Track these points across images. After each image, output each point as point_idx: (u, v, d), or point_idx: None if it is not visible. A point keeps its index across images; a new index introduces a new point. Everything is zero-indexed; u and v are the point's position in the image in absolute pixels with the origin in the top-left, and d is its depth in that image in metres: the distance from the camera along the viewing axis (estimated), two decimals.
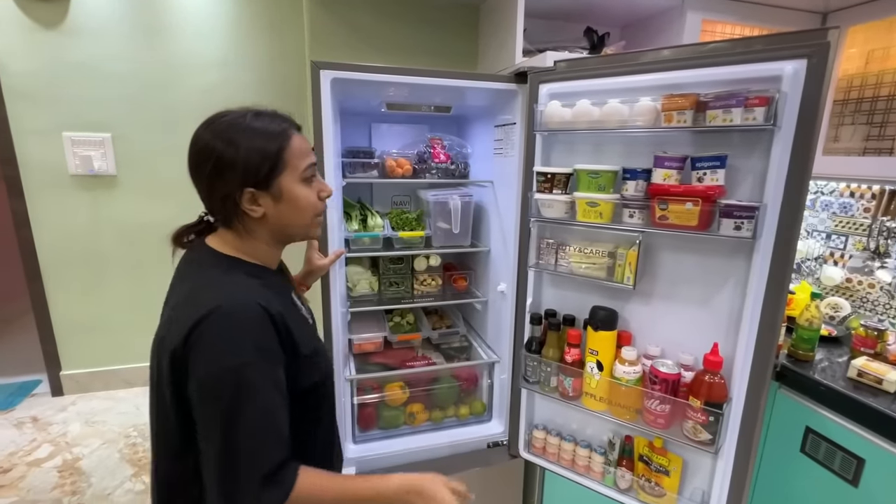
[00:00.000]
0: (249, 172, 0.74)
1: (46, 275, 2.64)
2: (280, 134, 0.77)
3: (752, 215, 0.97)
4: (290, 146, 0.78)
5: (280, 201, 0.78)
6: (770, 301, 1.04)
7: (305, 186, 0.81)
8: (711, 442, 1.10)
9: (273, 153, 0.75)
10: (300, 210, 0.81)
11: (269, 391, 0.69)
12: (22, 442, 2.38)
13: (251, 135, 0.75)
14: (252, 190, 0.75)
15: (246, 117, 0.77)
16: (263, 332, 0.70)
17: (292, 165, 0.78)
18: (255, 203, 0.77)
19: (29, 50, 2.39)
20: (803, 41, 0.93)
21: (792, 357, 1.49)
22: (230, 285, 0.74)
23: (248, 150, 0.73)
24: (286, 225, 0.81)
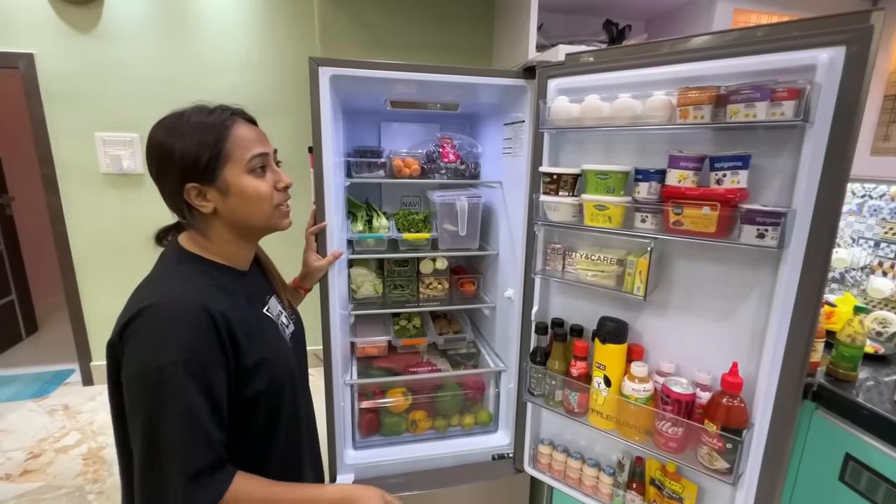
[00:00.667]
0: (187, 167, 0.72)
1: (79, 268, 2.76)
2: (218, 125, 0.74)
3: (778, 222, 0.87)
4: (231, 136, 0.74)
5: (228, 195, 0.75)
6: (799, 317, 0.92)
7: (254, 177, 0.77)
8: (729, 471, 1.00)
9: (210, 145, 0.72)
10: (251, 202, 0.77)
11: (194, 392, 0.65)
12: (53, 428, 2.49)
13: (187, 129, 0.73)
14: (195, 185, 0.73)
15: (185, 113, 0.75)
16: (196, 331, 0.67)
17: (235, 157, 0.75)
18: (203, 198, 0.75)
19: (65, 53, 2.50)
20: (841, 25, 0.82)
21: (831, 376, 1.35)
22: (171, 282, 0.72)
23: (183, 145, 0.72)
24: (241, 219, 0.78)
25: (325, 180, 1.26)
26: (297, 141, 2.75)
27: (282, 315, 0.90)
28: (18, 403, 2.70)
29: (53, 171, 2.61)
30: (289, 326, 0.91)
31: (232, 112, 0.78)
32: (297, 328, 0.95)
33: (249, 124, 0.80)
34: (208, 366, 0.67)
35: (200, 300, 0.69)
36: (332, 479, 1.45)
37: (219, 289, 0.74)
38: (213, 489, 0.66)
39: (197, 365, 0.66)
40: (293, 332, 0.93)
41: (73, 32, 2.49)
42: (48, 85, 2.51)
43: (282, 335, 0.87)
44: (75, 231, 2.71)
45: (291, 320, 0.94)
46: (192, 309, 0.67)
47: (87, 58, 2.52)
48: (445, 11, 1.86)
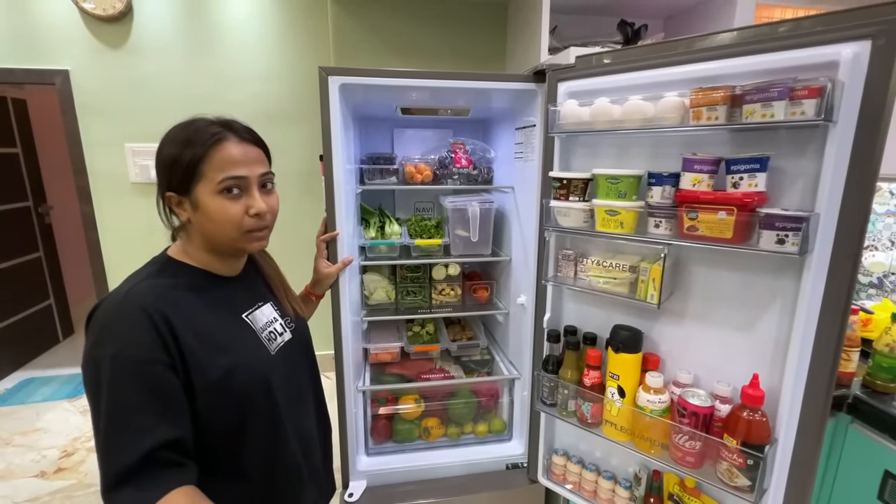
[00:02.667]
0: (166, 176, 0.76)
1: (110, 274, 2.87)
2: (201, 142, 0.74)
3: (799, 227, 0.82)
4: (210, 155, 0.74)
5: (197, 210, 0.76)
6: (826, 327, 0.87)
7: (224, 199, 0.76)
8: (750, 489, 0.95)
9: (186, 161, 0.74)
10: (215, 223, 0.76)
11: (129, 388, 0.65)
12: (85, 428, 2.59)
13: (175, 141, 0.75)
14: (172, 194, 0.76)
15: (183, 124, 0.78)
16: (132, 328, 0.68)
17: (208, 176, 0.74)
18: (181, 207, 0.77)
19: (97, 69, 2.62)
20: (866, 18, 0.77)
21: (868, 388, 1.28)
22: (127, 282, 0.75)
23: (167, 155, 0.75)
24: (209, 235, 0.79)
25: (336, 188, 1.27)
26: (313, 148, 2.80)
27: (274, 323, 0.89)
28: (55, 403, 2.83)
29: (87, 181, 2.73)
30: (283, 334, 0.89)
31: (230, 129, 0.78)
32: (294, 337, 0.93)
33: (243, 143, 0.78)
34: (146, 362, 0.67)
35: (141, 300, 0.70)
36: (345, 485, 1.46)
37: (185, 290, 0.76)
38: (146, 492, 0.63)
39: (130, 361, 0.66)
40: (289, 341, 0.90)
41: (105, 49, 2.60)
42: (82, 99, 2.63)
43: (259, 344, 0.84)
44: (107, 238, 2.82)
45: (289, 328, 0.92)
46: (130, 307, 0.69)
47: (117, 72, 2.63)
48: (458, 17, 1.86)
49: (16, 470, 2.24)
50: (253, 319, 0.85)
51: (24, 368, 3.27)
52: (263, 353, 0.84)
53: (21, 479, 2.18)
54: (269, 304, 0.91)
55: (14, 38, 2.53)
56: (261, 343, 0.84)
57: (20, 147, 3.26)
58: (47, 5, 2.51)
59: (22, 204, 3.29)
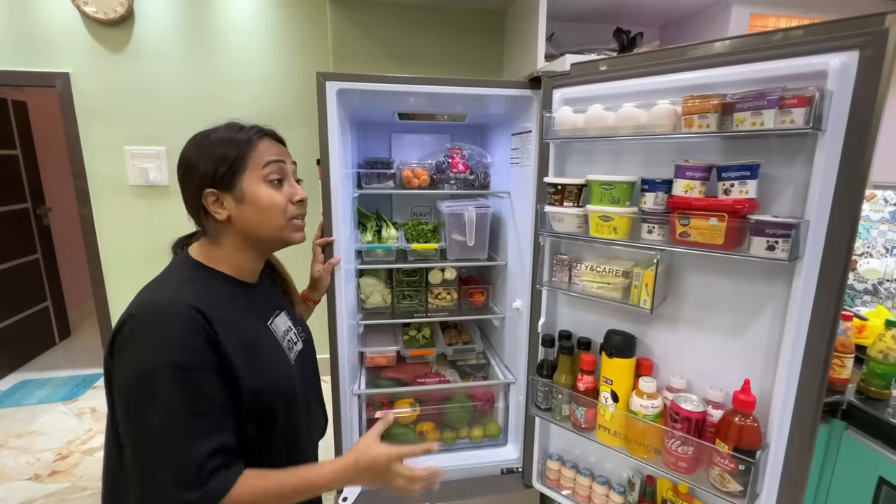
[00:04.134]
0: (208, 172, 0.76)
1: (108, 277, 2.87)
2: (243, 140, 0.78)
3: (789, 233, 0.83)
4: (255, 148, 0.79)
5: (243, 203, 0.78)
6: (816, 333, 0.88)
7: (270, 188, 0.79)
8: (742, 494, 0.95)
9: (233, 155, 0.76)
10: (264, 211, 0.79)
11: (184, 396, 0.65)
12: (80, 431, 2.58)
13: (216, 141, 0.78)
14: (213, 190, 0.76)
15: (217, 128, 0.79)
16: (183, 332, 0.67)
17: (253, 164, 0.78)
18: (220, 205, 0.77)
19: (98, 72, 2.63)
20: (853, 29, 0.79)
21: (862, 394, 1.28)
22: (163, 285, 0.74)
23: (209, 152, 0.76)
24: (254, 228, 0.79)
25: (333, 192, 1.28)
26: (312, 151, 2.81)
27: (290, 332, 0.89)
28: (50, 406, 2.82)
29: (86, 184, 2.74)
30: (297, 344, 0.90)
31: (261, 130, 0.82)
32: (305, 346, 0.94)
33: (276, 142, 0.84)
34: (203, 369, 0.67)
35: (189, 301, 0.69)
36: (339, 489, 1.45)
37: (219, 296, 0.76)
38: (209, 489, 0.65)
39: (189, 367, 0.66)
40: (301, 350, 0.91)
41: (106, 52, 2.62)
42: (82, 102, 2.65)
43: (283, 353, 0.85)
44: (105, 240, 2.82)
45: (301, 338, 0.93)
46: (179, 310, 0.67)
47: (118, 75, 2.65)
48: (456, 24, 1.87)
49: (10, 472, 2.23)
50: (275, 328, 0.86)
51: (19, 370, 3.26)
52: (287, 362, 0.85)
53: (15, 481, 2.17)
54: (284, 313, 0.91)
55: (15, 40, 2.55)
56: (283, 352, 0.85)
57: (20, 149, 3.27)
58: (49, 8, 2.53)
59: (20, 206, 3.29)
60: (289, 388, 0.82)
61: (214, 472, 0.66)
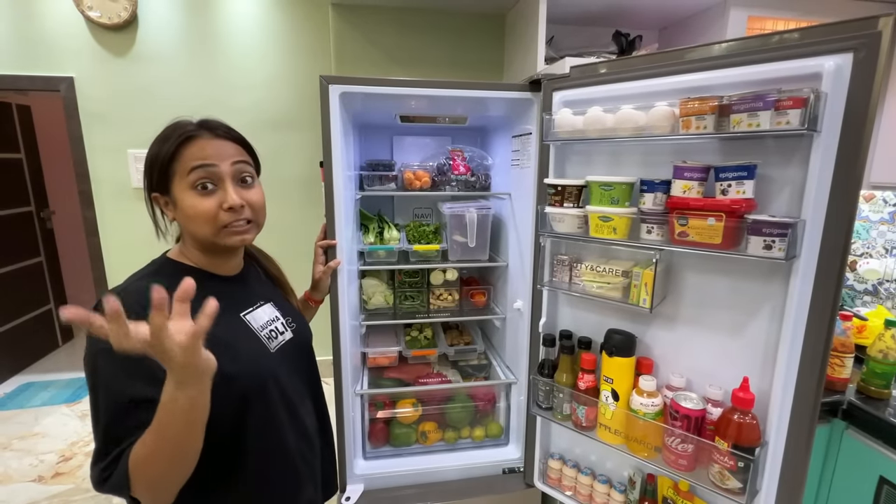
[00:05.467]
0: (148, 176, 0.79)
1: (111, 279, 2.88)
2: (173, 140, 0.75)
3: (785, 233, 0.84)
4: (181, 153, 0.75)
5: (177, 208, 0.78)
6: (813, 332, 0.89)
7: (196, 195, 0.76)
8: (742, 491, 0.96)
9: (161, 159, 0.76)
10: (190, 220, 0.77)
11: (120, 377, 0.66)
12: (83, 433, 2.60)
13: (152, 144, 0.79)
14: (156, 194, 0.79)
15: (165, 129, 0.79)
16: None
17: (179, 171, 0.75)
18: (166, 206, 0.80)
19: (102, 76, 2.66)
20: (847, 32, 0.80)
21: (862, 394, 1.29)
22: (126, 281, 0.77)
23: (148, 156, 0.79)
24: (190, 230, 0.79)
25: (336, 194, 1.30)
26: (313, 155, 2.84)
27: (275, 322, 0.90)
28: (53, 408, 2.83)
29: (89, 187, 2.76)
30: (284, 333, 0.90)
31: (204, 127, 0.78)
32: (295, 336, 0.93)
33: (217, 140, 0.78)
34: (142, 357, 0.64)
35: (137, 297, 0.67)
36: (342, 489, 1.46)
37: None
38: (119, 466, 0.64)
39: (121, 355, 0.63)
40: (289, 340, 0.91)
41: (110, 56, 2.65)
42: (86, 106, 2.67)
43: (257, 342, 0.84)
44: (108, 243, 2.84)
45: (290, 328, 0.93)
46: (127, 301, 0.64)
47: (121, 79, 2.67)
48: (457, 28, 1.89)
49: (13, 474, 2.24)
50: (252, 318, 0.86)
51: (23, 373, 3.28)
52: (262, 351, 0.84)
53: (18, 483, 2.18)
54: (271, 303, 0.92)
55: (20, 45, 2.57)
56: (259, 341, 0.85)
57: (24, 152, 3.30)
58: (53, 13, 2.55)
59: (24, 209, 3.32)
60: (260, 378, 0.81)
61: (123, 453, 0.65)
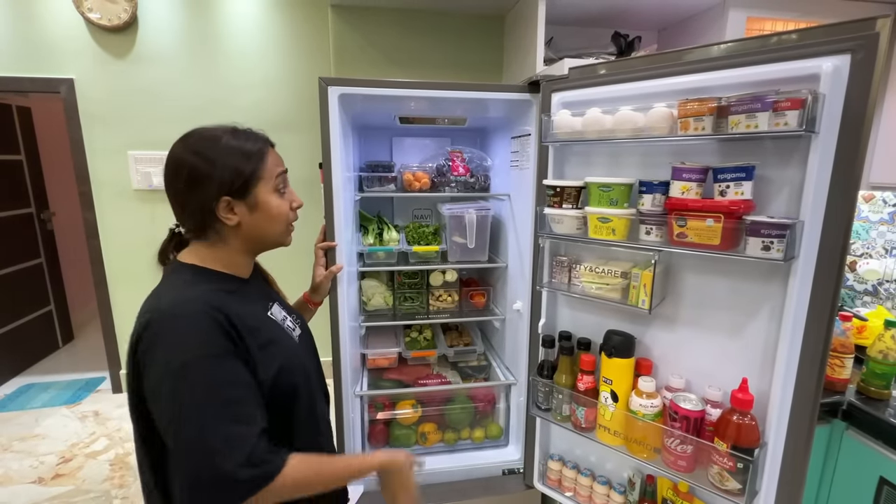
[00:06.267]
0: (225, 182, 0.79)
1: (111, 280, 2.89)
2: (256, 151, 0.83)
3: (783, 234, 0.84)
4: (266, 160, 0.84)
5: (255, 210, 0.82)
6: (812, 332, 0.89)
7: (278, 197, 0.86)
8: (741, 492, 0.96)
9: (250, 168, 0.81)
10: (273, 219, 0.85)
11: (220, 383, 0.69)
12: (83, 434, 2.60)
13: (228, 151, 0.80)
14: (228, 198, 0.79)
15: (218, 133, 0.81)
16: (209, 330, 0.70)
17: (266, 178, 0.83)
18: (231, 212, 0.81)
19: (102, 78, 2.66)
20: (845, 33, 0.81)
21: (862, 394, 1.29)
22: (172, 289, 0.77)
23: (224, 163, 0.79)
24: (260, 233, 0.85)
25: (335, 195, 1.30)
26: (312, 156, 2.84)
27: (287, 319, 0.93)
28: (53, 409, 2.83)
29: (89, 188, 2.76)
30: (295, 329, 0.94)
31: (268, 141, 0.88)
32: (303, 331, 0.98)
33: (274, 150, 0.89)
34: (229, 359, 0.71)
35: (198, 305, 0.72)
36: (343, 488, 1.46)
37: (223, 292, 0.79)
38: (264, 469, 0.68)
39: (217, 360, 0.70)
40: (300, 335, 0.95)
41: (110, 58, 2.65)
42: (86, 107, 2.67)
43: (287, 334, 0.89)
44: (108, 244, 2.84)
45: (297, 324, 0.97)
46: (197, 308, 0.71)
47: (122, 81, 2.68)
48: (456, 29, 1.89)
49: (14, 476, 2.24)
50: (274, 315, 0.90)
51: (23, 374, 3.28)
52: (293, 344, 0.90)
53: (19, 485, 2.18)
54: (276, 303, 0.94)
55: (20, 47, 2.58)
56: (289, 336, 0.90)
57: (24, 154, 3.30)
58: (53, 15, 2.56)
59: (25, 210, 3.32)
60: (302, 364, 0.88)
61: (266, 454, 0.69)
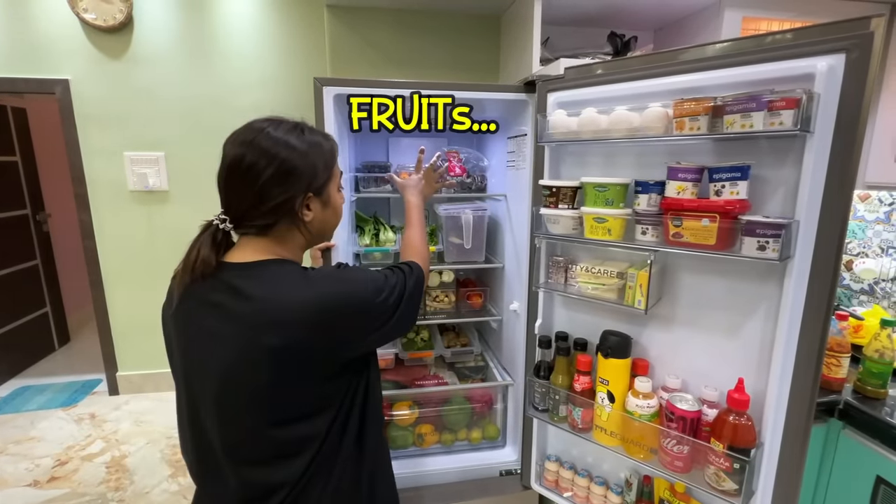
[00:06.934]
0: (315, 178, 0.82)
1: (107, 282, 2.87)
2: (332, 148, 0.88)
3: (779, 233, 0.84)
4: (336, 158, 0.89)
5: (327, 206, 0.86)
6: (808, 332, 0.89)
7: (339, 193, 0.91)
8: (737, 492, 0.96)
9: (332, 163, 0.86)
10: (337, 214, 0.91)
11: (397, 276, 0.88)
12: (79, 437, 2.58)
13: (313, 147, 0.83)
14: (311, 194, 0.82)
15: (304, 131, 0.83)
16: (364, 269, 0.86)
17: (336, 174, 0.88)
18: (308, 207, 0.83)
19: (97, 78, 2.65)
20: (839, 33, 0.80)
21: (859, 393, 1.29)
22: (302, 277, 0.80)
23: (314, 159, 0.82)
24: (326, 227, 0.90)
25: None
26: None
27: None
28: (49, 412, 2.81)
29: (85, 190, 2.75)
30: None
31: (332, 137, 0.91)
32: None
33: None
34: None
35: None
36: None
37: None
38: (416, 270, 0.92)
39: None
40: None
41: (106, 59, 2.64)
42: (82, 108, 2.66)
43: None
44: (104, 246, 2.83)
45: None
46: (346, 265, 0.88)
47: (117, 82, 2.67)
48: (453, 29, 1.89)
49: (8, 479, 2.23)
50: None
51: (19, 376, 3.26)
52: None
53: (14, 488, 2.17)
54: None
55: (15, 47, 2.56)
56: None
57: (19, 155, 3.28)
58: (49, 15, 2.55)
59: (20, 212, 3.30)
60: None
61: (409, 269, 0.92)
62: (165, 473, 2.28)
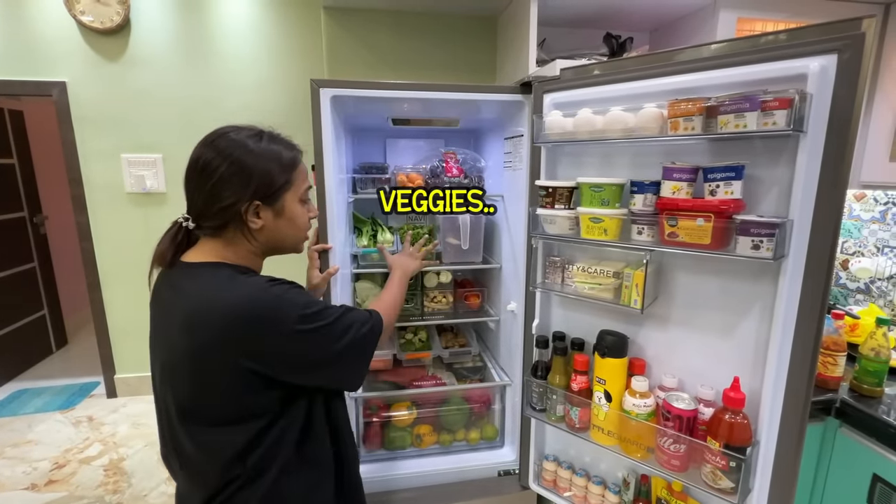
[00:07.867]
0: (261, 187, 0.81)
1: (105, 284, 2.87)
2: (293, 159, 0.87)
3: (773, 233, 0.85)
4: (298, 169, 0.88)
5: (281, 216, 0.86)
6: (802, 331, 0.90)
7: (302, 206, 0.90)
8: (734, 490, 0.96)
9: (286, 175, 0.84)
10: (294, 227, 0.89)
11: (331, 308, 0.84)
12: (77, 440, 2.58)
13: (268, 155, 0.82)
14: (258, 203, 0.82)
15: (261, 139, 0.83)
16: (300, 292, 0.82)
17: (295, 187, 0.87)
18: (257, 216, 0.83)
19: (94, 81, 2.65)
20: (831, 33, 0.81)
21: (855, 392, 1.30)
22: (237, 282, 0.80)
23: (268, 165, 0.81)
24: (281, 238, 0.88)
25: (328, 197, 1.30)
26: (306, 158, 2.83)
27: None
28: (47, 415, 2.81)
29: (82, 192, 2.75)
30: None
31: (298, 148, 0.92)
32: None
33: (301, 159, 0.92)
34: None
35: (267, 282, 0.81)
36: None
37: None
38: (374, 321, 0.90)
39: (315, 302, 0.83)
40: None
41: (102, 61, 2.64)
42: (79, 111, 2.66)
43: None
44: (101, 248, 2.83)
45: None
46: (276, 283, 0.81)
47: (114, 84, 2.67)
48: (450, 30, 1.89)
49: (6, 482, 2.22)
50: None
51: (16, 379, 3.25)
52: None
53: (11, 491, 2.16)
54: None
55: (12, 50, 2.56)
56: None
57: (16, 158, 3.28)
58: (45, 17, 2.55)
59: (17, 214, 3.30)
60: None
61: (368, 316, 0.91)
62: (163, 476, 2.28)
